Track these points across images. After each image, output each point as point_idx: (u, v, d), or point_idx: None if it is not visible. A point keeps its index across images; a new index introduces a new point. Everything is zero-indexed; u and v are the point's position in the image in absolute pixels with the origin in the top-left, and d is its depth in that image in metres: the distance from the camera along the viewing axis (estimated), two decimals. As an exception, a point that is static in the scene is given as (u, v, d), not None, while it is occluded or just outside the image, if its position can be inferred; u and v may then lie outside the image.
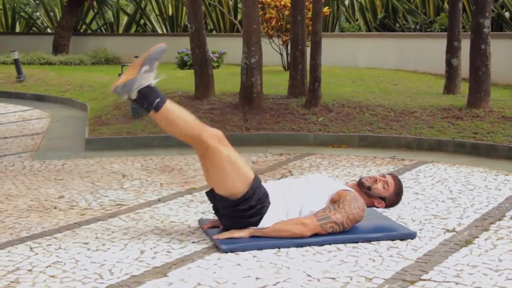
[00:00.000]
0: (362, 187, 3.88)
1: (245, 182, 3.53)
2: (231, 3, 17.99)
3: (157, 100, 3.51)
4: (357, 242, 3.63)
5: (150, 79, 3.46)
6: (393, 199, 3.93)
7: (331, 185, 3.76)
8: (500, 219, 4.14)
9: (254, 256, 3.42)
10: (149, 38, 18.92)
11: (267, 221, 3.59)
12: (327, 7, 13.75)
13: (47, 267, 3.28)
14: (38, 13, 23.79)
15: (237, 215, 3.57)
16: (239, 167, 3.53)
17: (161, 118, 3.54)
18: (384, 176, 3.95)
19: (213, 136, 3.51)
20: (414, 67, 12.94)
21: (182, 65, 14.70)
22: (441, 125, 7.17)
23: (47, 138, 7.55)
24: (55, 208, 4.45)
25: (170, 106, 3.53)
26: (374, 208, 3.96)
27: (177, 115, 3.53)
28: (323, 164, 6.01)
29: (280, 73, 12.13)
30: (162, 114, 3.52)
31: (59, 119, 9.17)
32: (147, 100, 3.51)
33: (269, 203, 3.59)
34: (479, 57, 7.55)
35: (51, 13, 21.76)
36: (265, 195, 3.60)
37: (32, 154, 6.52)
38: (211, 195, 3.67)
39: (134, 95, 3.46)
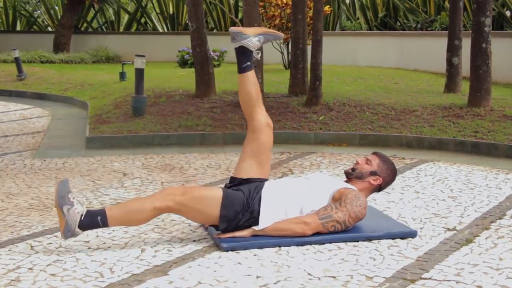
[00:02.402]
0: (349, 175, 3.87)
1: (216, 206, 3.54)
2: (232, 1, 17.98)
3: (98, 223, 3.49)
4: (357, 241, 3.63)
5: (77, 213, 3.42)
6: (385, 168, 3.87)
7: (332, 184, 3.76)
8: (500, 218, 4.14)
9: (254, 255, 3.42)
10: (150, 37, 18.93)
11: (267, 221, 3.58)
12: (328, 6, 13.76)
13: (47, 265, 3.28)
14: (38, 12, 23.79)
15: (231, 229, 3.59)
16: (204, 199, 3.54)
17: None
18: (364, 157, 3.96)
19: (168, 199, 3.51)
20: (415, 66, 12.94)
21: (183, 63, 14.70)
22: (442, 124, 7.17)
23: (47, 136, 7.55)
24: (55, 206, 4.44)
25: (113, 218, 3.51)
26: (375, 208, 3.95)
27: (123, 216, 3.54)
28: (323, 163, 6.01)
29: (281, 72, 12.14)
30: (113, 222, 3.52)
31: (60, 118, 9.17)
32: (90, 226, 3.49)
33: (259, 201, 3.58)
34: (480, 56, 7.55)
35: (52, 12, 21.76)
36: (248, 198, 3.58)
37: (32, 153, 6.53)
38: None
39: (79, 232, 3.45)
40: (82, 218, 3.42)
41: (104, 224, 3.47)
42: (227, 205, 3.54)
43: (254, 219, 3.57)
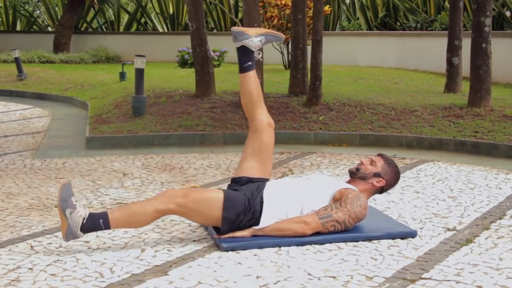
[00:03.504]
0: (353, 175, 3.87)
1: (217, 207, 3.54)
2: (232, 1, 17.98)
3: (98, 226, 3.49)
4: (357, 241, 3.63)
5: (80, 216, 3.43)
6: (389, 171, 3.86)
7: (333, 184, 3.76)
8: (500, 218, 4.14)
9: (254, 255, 3.42)
10: (150, 37, 18.93)
11: (267, 221, 3.58)
12: (328, 6, 13.76)
13: (47, 265, 3.28)
14: (37, 12, 23.78)
15: (233, 229, 3.59)
16: (205, 201, 3.54)
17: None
18: (368, 157, 3.96)
19: (170, 201, 3.51)
20: (415, 66, 12.94)
21: (183, 63, 14.70)
22: (442, 124, 7.17)
23: (47, 136, 7.55)
24: (56, 206, 4.44)
25: (114, 221, 3.52)
26: (375, 208, 3.95)
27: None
28: (323, 163, 6.01)
29: (281, 72, 12.14)
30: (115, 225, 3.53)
31: (60, 118, 9.17)
32: (92, 229, 3.50)
33: (261, 202, 3.58)
34: (480, 56, 7.55)
35: (52, 12, 21.76)
36: (249, 199, 3.59)
37: (33, 153, 6.52)
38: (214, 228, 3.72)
39: (81, 235, 3.46)
40: (85, 221, 3.43)
41: (106, 227, 3.48)
42: (229, 207, 3.54)
43: (255, 219, 3.57)
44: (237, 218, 3.55)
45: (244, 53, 3.88)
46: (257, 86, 3.90)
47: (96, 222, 3.46)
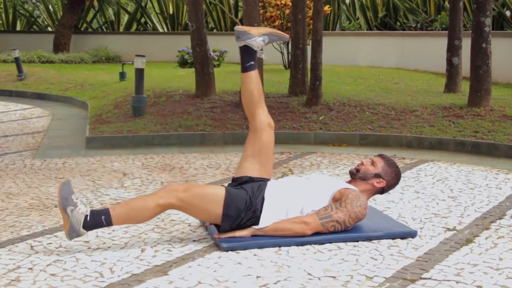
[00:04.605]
0: (353, 175, 3.87)
1: (218, 204, 3.54)
2: (232, 1, 17.98)
3: (101, 223, 3.50)
4: (357, 241, 3.63)
5: (81, 214, 3.43)
6: (389, 172, 3.86)
7: (333, 184, 3.76)
8: (500, 218, 4.14)
9: (254, 255, 3.42)
10: (150, 37, 18.93)
11: (267, 220, 3.58)
12: (328, 6, 13.76)
13: (47, 265, 3.28)
14: (37, 12, 23.77)
15: (233, 228, 3.59)
16: (206, 197, 3.55)
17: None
18: (369, 158, 3.97)
19: (170, 196, 3.51)
20: (415, 66, 12.95)
21: (183, 63, 14.70)
22: (442, 124, 7.17)
23: (47, 136, 7.55)
24: (55, 206, 4.45)
25: (117, 215, 3.52)
26: (375, 208, 3.95)
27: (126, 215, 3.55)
28: (323, 163, 6.01)
29: (280, 72, 12.14)
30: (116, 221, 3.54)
31: (60, 118, 9.17)
32: (94, 226, 3.50)
33: (262, 201, 3.58)
34: (480, 56, 7.55)
35: (52, 11, 21.76)
36: (251, 197, 3.59)
37: (33, 153, 6.53)
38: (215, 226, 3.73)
39: (83, 233, 3.46)
40: (87, 218, 3.43)
41: (108, 223, 3.48)
42: (230, 204, 3.54)
43: (256, 219, 3.57)
44: (238, 216, 3.55)
45: (247, 52, 3.88)
46: (258, 86, 3.90)
47: (98, 219, 3.46)
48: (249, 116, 3.93)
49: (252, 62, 3.88)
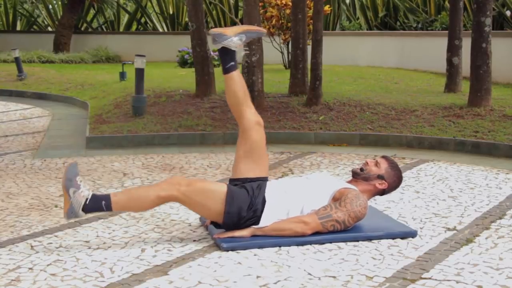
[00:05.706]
0: (356, 175, 3.87)
1: (219, 201, 3.55)
2: (232, 1, 17.99)
3: (101, 207, 3.53)
4: (358, 241, 3.63)
5: (83, 196, 3.47)
6: (392, 174, 3.87)
7: (333, 184, 3.75)
8: (501, 218, 4.14)
9: (254, 255, 3.42)
10: (149, 37, 18.93)
11: (267, 220, 3.58)
12: (328, 6, 13.76)
13: (48, 265, 3.28)
14: (37, 11, 23.77)
15: (234, 226, 3.60)
16: (208, 192, 3.56)
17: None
18: (373, 158, 3.96)
19: (173, 188, 3.54)
20: (415, 66, 12.95)
21: (183, 63, 14.71)
22: (442, 124, 7.17)
23: (48, 136, 7.55)
24: (56, 206, 4.45)
25: (117, 203, 3.55)
26: (375, 208, 3.95)
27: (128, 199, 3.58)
28: (323, 163, 6.01)
29: (281, 72, 12.14)
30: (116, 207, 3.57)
31: (60, 118, 9.17)
32: (94, 210, 3.54)
33: (263, 201, 3.58)
34: (480, 56, 7.56)
35: (52, 11, 21.76)
36: (251, 197, 3.59)
37: (33, 153, 6.53)
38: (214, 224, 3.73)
39: (82, 215, 3.51)
40: (87, 202, 3.47)
41: (108, 208, 3.51)
42: (231, 201, 3.54)
43: (256, 218, 3.57)
44: (239, 214, 3.54)
45: (226, 54, 3.83)
46: (242, 85, 3.85)
47: (98, 203, 3.50)
48: (236, 116, 3.89)
49: (233, 63, 3.84)
